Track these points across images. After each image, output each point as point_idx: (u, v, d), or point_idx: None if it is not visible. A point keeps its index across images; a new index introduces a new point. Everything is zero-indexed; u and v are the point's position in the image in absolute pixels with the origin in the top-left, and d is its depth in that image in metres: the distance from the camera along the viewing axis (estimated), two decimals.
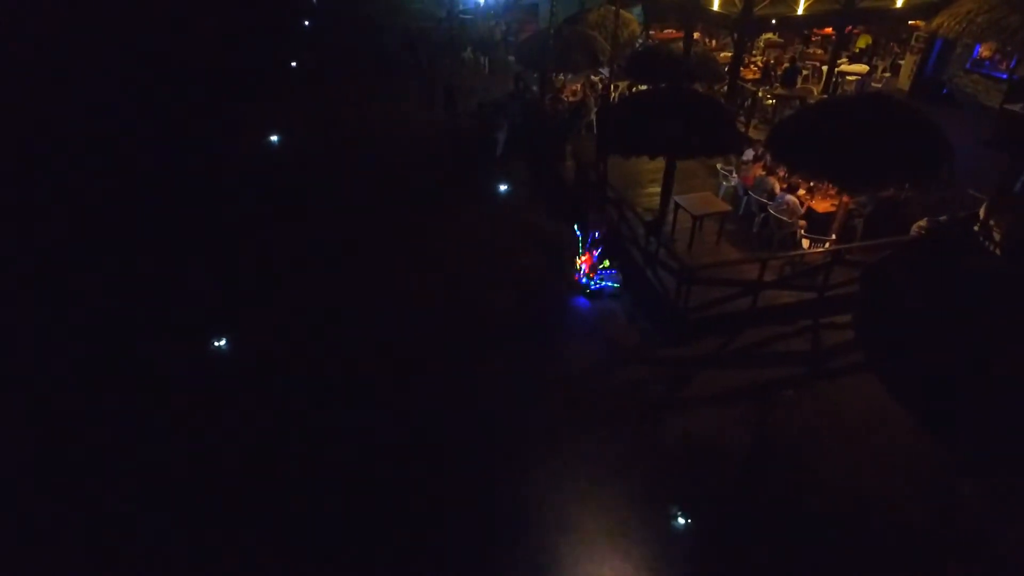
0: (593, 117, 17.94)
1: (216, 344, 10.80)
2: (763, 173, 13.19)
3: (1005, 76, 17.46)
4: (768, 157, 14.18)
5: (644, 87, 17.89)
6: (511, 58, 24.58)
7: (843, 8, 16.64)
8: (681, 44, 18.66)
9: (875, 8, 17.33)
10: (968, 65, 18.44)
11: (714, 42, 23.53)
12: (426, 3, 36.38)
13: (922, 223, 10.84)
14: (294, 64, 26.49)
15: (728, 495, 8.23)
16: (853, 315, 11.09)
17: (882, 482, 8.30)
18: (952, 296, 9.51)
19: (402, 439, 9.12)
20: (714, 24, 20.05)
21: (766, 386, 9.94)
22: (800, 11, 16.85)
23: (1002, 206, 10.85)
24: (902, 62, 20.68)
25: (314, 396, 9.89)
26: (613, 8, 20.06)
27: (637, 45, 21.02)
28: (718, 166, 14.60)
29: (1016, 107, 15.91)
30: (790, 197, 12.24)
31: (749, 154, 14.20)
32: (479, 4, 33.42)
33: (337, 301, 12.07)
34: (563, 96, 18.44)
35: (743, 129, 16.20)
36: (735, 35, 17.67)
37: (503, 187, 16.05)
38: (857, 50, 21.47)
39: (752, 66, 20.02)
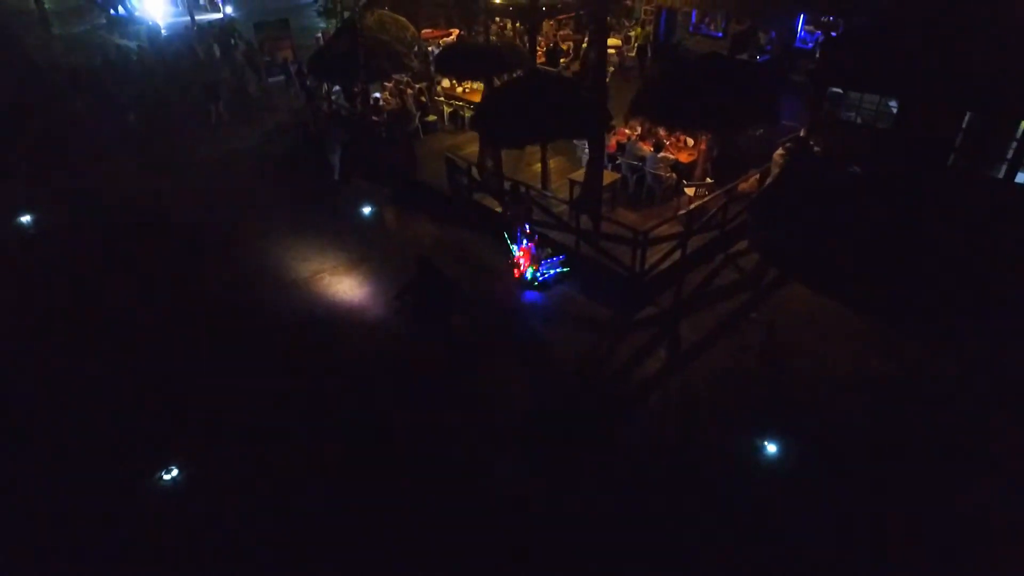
0: (419, 123, 17.40)
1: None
2: (627, 140, 14.41)
3: (720, 35, 21.64)
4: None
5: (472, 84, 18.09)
6: (271, 80, 22.37)
7: None
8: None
9: None
10: (691, 28, 22.39)
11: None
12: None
13: (780, 151, 13.11)
14: None
15: (783, 403, 9.24)
16: (750, 240, 12.96)
17: (851, 350, 10.23)
18: (832, 198, 11.90)
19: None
20: (500, 16, 20.97)
21: (733, 316, 11.16)
22: None
23: (815, 129, 13.70)
24: (631, 34, 24.25)
25: None
26: (387, 12, 19.64)
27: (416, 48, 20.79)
28: (575, 141, 15.42)
29: (744, 56, 19.93)
30: (662, 154, 13.65)
31: None
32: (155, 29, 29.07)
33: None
34: (379, 105, 17.45)
35: None
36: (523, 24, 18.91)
37: (367, 209, 14.72)
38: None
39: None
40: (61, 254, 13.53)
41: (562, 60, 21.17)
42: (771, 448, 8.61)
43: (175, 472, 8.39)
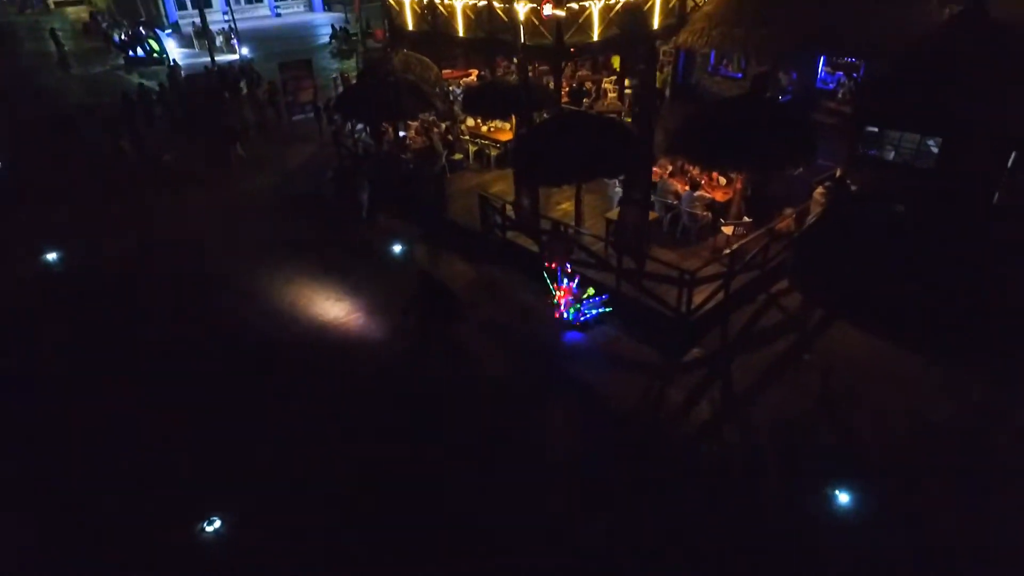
0: (445, 161, 17.36)
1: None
2: (659, 178, 14.30)
3: (740, 76, 21.83)
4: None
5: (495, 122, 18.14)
6: (295, 119, 22.58)
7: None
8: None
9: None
10: (709, 69, 22.61)
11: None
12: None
13: (821, 189, 12.99)
14: None
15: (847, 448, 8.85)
16: (792, 279, 12.71)
17: (909, 392, 9.90)
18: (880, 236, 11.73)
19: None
20: (529, 56, 21.20)
21: (784, 358, 10.84)
22: (595, 38, 18.89)
23: (852, 167, 13.62)
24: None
25: None
26: (411, 52, 19.90)
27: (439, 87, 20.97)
28: (606, 180, 15.32)
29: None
30: (699, 192, 13.53)
31: None
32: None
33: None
34: (407, 144, 17.45)
35: None
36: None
37: (398, 248, 14.52)
38: (617, 68, 24.62)
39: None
40: (88, 294, 13.28)
41: (584, 100, 21.34)
42: (841, 498, 8.22)
43: (217, 523, 7.96)
